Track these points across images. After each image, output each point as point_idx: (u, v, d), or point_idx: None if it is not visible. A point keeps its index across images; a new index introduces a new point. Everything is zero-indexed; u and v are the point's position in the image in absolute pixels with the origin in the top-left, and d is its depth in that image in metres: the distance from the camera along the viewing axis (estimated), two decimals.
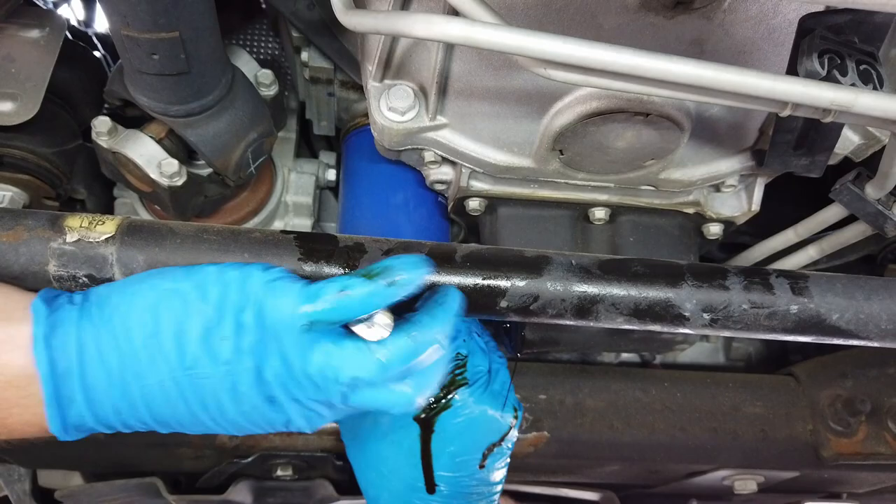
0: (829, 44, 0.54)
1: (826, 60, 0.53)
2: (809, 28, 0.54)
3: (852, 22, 0.54)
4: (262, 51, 1.15)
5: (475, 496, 0.69)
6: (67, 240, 0.59)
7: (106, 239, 0.59)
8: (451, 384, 0.67)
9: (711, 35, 0.63)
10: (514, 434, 0.68)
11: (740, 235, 1.01)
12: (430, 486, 0.67)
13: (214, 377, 0.51)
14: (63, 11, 1.40)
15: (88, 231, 0.60)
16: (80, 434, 0.54)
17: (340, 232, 0.93)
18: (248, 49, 1.14)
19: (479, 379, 0.68)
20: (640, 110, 0.66)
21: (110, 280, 0.59)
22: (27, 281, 0.59)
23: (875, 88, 0.54)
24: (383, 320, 0.53)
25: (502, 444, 0.67)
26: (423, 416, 0.65)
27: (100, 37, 1.29)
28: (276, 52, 1.14)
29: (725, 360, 1.30)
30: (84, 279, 0.59)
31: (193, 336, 0.50)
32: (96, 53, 1.25)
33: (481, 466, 0.66)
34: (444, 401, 0.66)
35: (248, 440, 0.88)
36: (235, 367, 0.51)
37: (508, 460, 0.71)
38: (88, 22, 1.46)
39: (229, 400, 0.52)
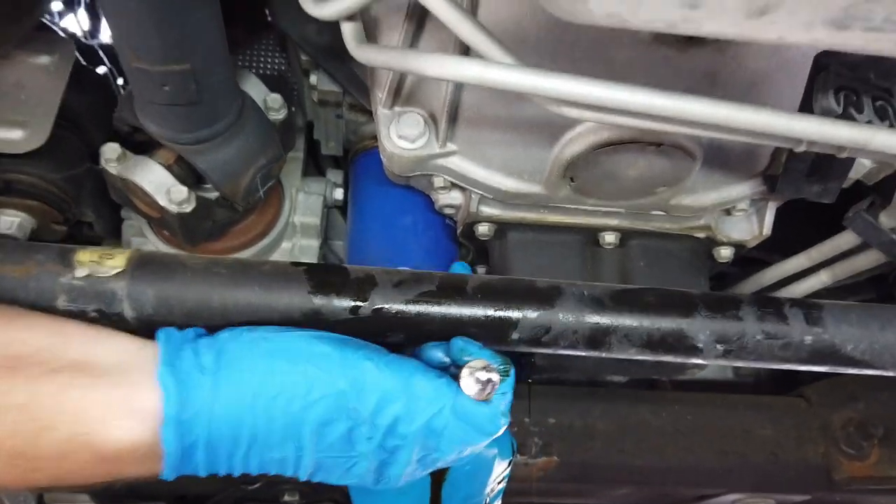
0: (844, 80, 0.53)
1: (842, 97, 0.53)
2: (825, 64, 0.54)
3: (868, 59, 0.54)
4: (268, 66, 1.15)
5: None
6: (77, 275, 0.59)
7: (116, 274, 0.59)
8: None
9: (724, 67, 0.62)
10: (509, 472, 0.69)
11: (753, 251, 1.00)
12: None
13: (337, 460, 0.53)
14: (68, 22, 1.41)
15: (98, 266, 0.60)
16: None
17: (348, 254, 0.93)
18: (254, 64, 1.13)
19: None
20: (653, 140, 0.65)
21: (119, 315, 0.59)
22: None
23: (892, 125, 0.53)
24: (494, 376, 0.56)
25: (502, 483, 0.68)
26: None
27: (104, 48, 1.30)
28: (283, 68, 1.13)
29: (734, 377, 1.30)
30: (94, 314, 0.59)
31: (337, 433, 0.51)
32: (101, 69, 1.25)
33: None
34: None
35: None
36: (371, 458, 0.53)
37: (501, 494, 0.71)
38: (94, 33, 1.47)
39: (338, 475, 0.54)
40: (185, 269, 0.60)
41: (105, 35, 1.44)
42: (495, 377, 0.55)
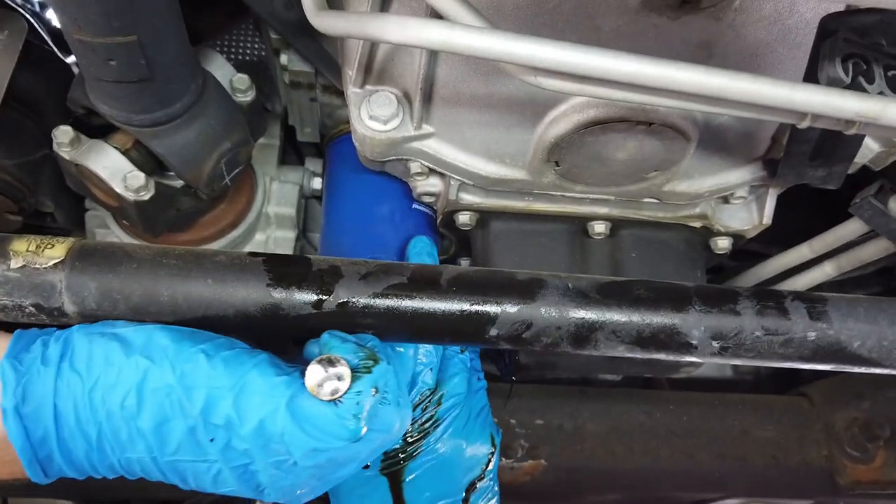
0: (853, 47, 0.48)
1: (850, 66, 0.48)
2: (831, 30, 0.49)
3: (880, 23, 0.48)
4: (247, 53, 1.09)
5: None
6: (12, 266, 0.54)
7: (54, 264, 0.54)
8: (422, 429, 0.62)
9: (721, 37, 0.57)
10: (494, 464, 0.63)
11: (751, 242, 0.95)
12: None
13: (196, 466, 0.49)
14: (50, 14, 1.36)
15: (35, 256, 0.55)
16: (59, 477, 0.52)
17: (321, 247, 0.87)
18: (233, 50, 1.08)
19: (453, 410, 0.63)
20: (643, 119, 0.60)
21: (59, 309, 0.54)
22: None
23: None
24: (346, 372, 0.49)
25: (484, 478, 0.62)
26: (390, 469, 0.61)
27: None
28: (262, 54, 1.08)
29: (733, 374, 1.25)
30: (31, 308, 0.54)
31: (178, 432, 0.48)
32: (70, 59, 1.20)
33: None
34: (409, 450, 0.61)
35: None
36: (221, 465, 0.49)
37: (498, 493, 0.66)
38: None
39: (211, 481, 0.50)
40: (130, 260, 0.55)
41: None
42: (344, 373, 0.48)
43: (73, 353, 0.49)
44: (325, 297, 0.56)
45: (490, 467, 0.65)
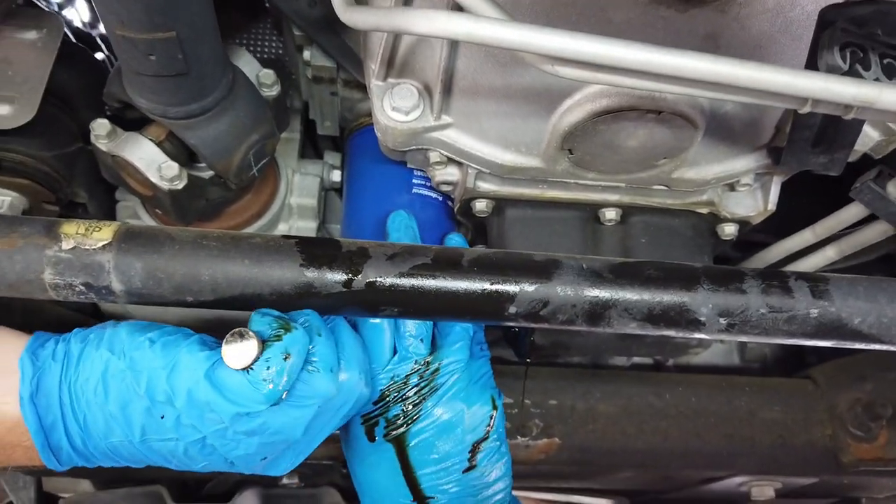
0: (851, 37, 0.51)
1: (848, 54, 0.51)
2: (830, 20, 0.52)
3: (876, 13, 0.52)
4: (265, 50, 1.14)
5: (476, 499, 0.68)
6: (63, 247, 0.58)
7: (103, 246, 0.58)
8: (418, 393, 0.66)
9: (726, 29, 0.60)
10: (498, 425, 0.67)
11: (755, 233, 0.98)
12: (421, 501, 0.66)
13: (166, 444, 0.56)
14: (68, 13, 1.40)
15: (85, 238, 0.58)
16: (73, 466, 0.58)
17: (343, 234, 0.91)
18: (251, 48, 1.12)
19: (452, 376, 0.67)
20: (652, 108, 0.63)
21: (108, 288, 0.58)
22: (23, 289, 0.58)
23: None
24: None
25: (488, 438, 0.65)
26: (392, 434, 0.65)
27: (104, 38, 1.28)
28: (280, 52, 1.12)
29: (740, 361, 1.28)
30: (81, 287, 0.58)
31: (136, 412, 0.55)
32: (99, 55, 1.24)
33: (471, 467, 0.66)
34: (412, 413, 0.66)
35: None
36: (182, 441, 0.55)
37: (507, 455, 0.69)
38: (93, 23, 1.45)
39: (187, 461, 0.57)
40: (173, 242, 0.59)
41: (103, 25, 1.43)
42: (251, 343, 0.53)
43: (71, 352, 0.57)
44: (354, 277, 0.60)
45: (493, 427, 0.68)
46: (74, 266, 0.57)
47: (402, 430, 0.65)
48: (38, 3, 0.82)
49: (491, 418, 0.67)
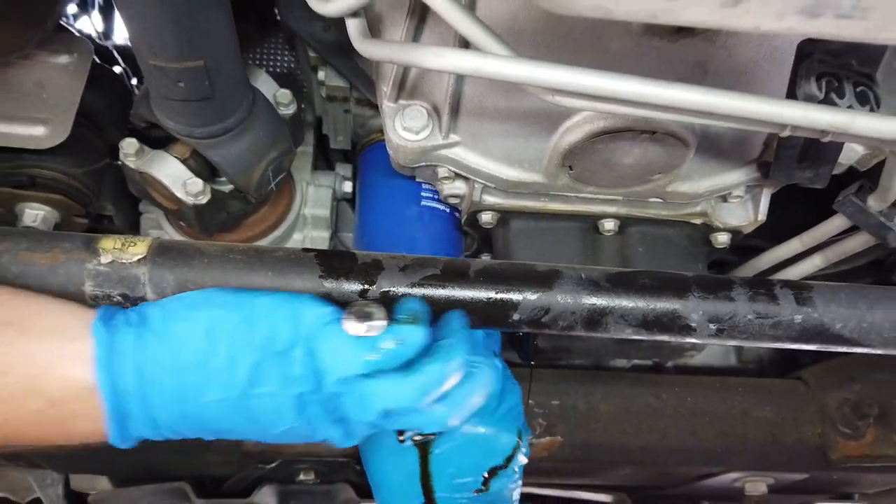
0: (826, 67, 0.56)
1: (824, 84, 0.55)
2: (808, 52, 0.57)
3: (849, 46, 0.56)
4: (278, 64, 1.18)
5: None
6: (102, 261, 0.62)
7: (138, 260, 0.63)
8: None
9: (714, 57, 0.65)
10: (521, 458, 0.70)
11: (751, 238, 1.03)
12: None
13: (261, 401, 0.55)
14: (83, 24, 1.45)
15: (121, 252, 0.63)
16: (135, 442, 0.57)
17: (357, 244, 0.96)
18: (264, 62, 1.17)
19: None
20: (646, 129, 0.68)
21: (143, 299, 0.63)
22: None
23: (872, 110, 0.56)
24: (380, 322, 0.56)
25: (508, 467, 0.69)
26: (420, 439, 0.68)
27: (119, 49, 1.33)
28: (292, 65, 1.17)
29: (737, 363, 1.32)
30: (118, 298, 0.63)
31: (244, 366, 0.54)
32: (116, 68, 1.29)
33: (483, 489, 0.68)
34: None
35: (272, 447, 0.92)
36: (282, 395, 0.55)
37: (520, 484, 0.72)
38: (108, 33, 1.50)
39: (274, 420, 0.56)
40: (202, 256, 0.64)
41: (119, 36, 1.47)
42: (377, 315, 0.55)
43: (149, 317, 0.56)
44: (369, 287, 0.65)
45: (513, 459, 0.70)
46: (112, 279, 0.62)
47: (429, 437, 0.69)
48: (66, 25, 0.86)
49: (513, 450, 0.70)
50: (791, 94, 0.58)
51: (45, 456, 0.96)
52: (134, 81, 1.24)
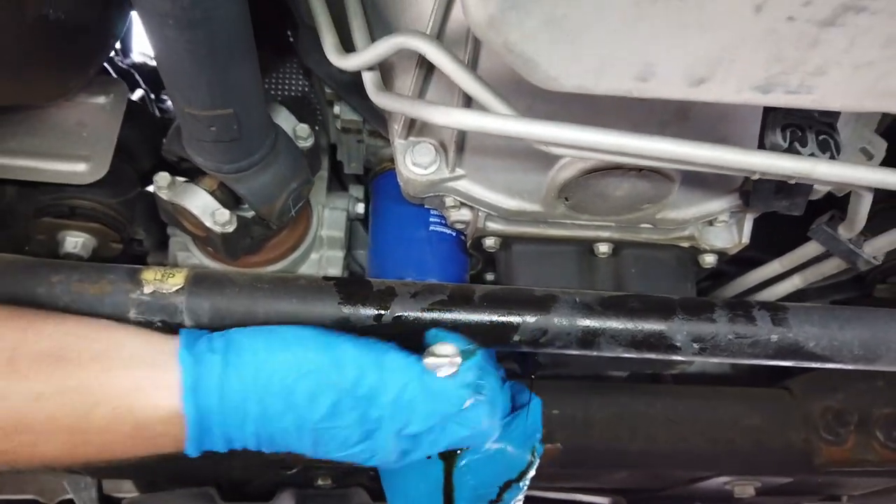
0: (790, 118, 0.62)
1: (788, 133, 0.62)
2: (773, 105, 0.63)
3: None
4: (292, 88, 1.25)
5: None
6: (144, 291, 0.70)
7: (177, 290, 0.70)
8: None
9: (694, 105, 0.71)
10: (531, 473, 0.76)
11: (748, 250, 1.09)
12: None
13: (332, 431, 0.62)
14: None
15: (161, 283, 0.71)
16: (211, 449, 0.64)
17: (370, 266, 1.03)
18: (279, 87, 1.24)
19: (505, 420, 0.76)
20: (634, 166, 0.75)
21: (181, 325, 0.70)
22: None
23: (832, 157, 0.63)
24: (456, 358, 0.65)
25: (520, 481, 0.75)
26: (446, 453, 0.75)
27: (137, 67, 1.40)
28: (307, 89, 1.24)
29: (731, 371, 1.38)
30: (158, 323, 0.70)
31: (325, 404, 0.61)
32: (139, 92, 1.36)
33: (497, 501, 0.75)
34: None
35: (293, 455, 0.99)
36: (353, 429, 0.62)
37: (524, 496, 0.79)
38: (126, 50, 1.57)
39: (335, 447, 0.64)
40: (233, 285, 0.71)
41: (137, 56, 1.55)
42: (456, 356, 0.64)
43: (234, 345, 0.62)
44: (383, 312, 0.72)
45: (527, 473, 0.77)
46: (154, 307, 0.70)
47: (456, 451, 0.74)
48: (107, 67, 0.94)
49: (528, 465, 0.76)
50: (761, 143, 0.65)
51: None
52: (153, 96, 1.31)
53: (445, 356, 0.64)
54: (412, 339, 0.71)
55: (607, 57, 0.45)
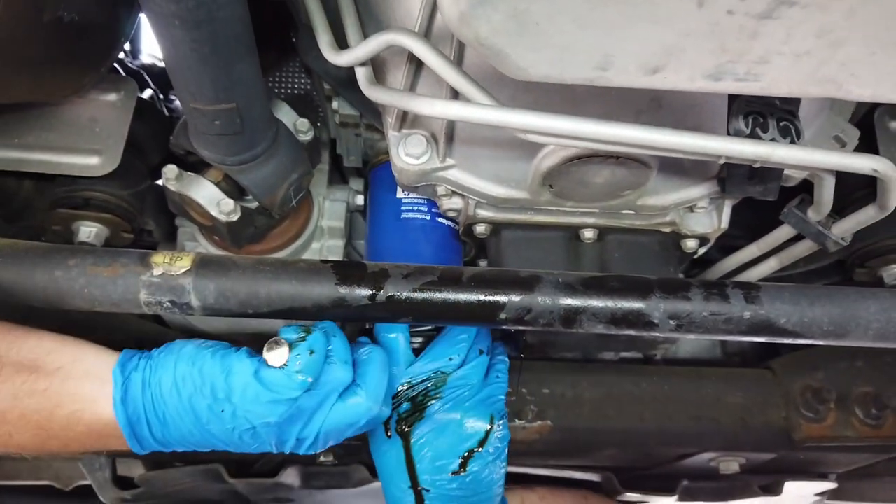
0: (753, 106, 0.67)
1: (750, 120, 0.67)
2: (737, 93, 0.68)
3: None
4: (295, 86, 1.30)
5: (466, 499, 0.81)
6: (154, 273, 0.75)
7: (184, 272, 0.75)
8: (425, 397, 0.81)
9: (667, 92, 0.75)
10: (495, 440, 0.80)
11: (736, 240, 1.13)
12: (417, 490, 0.81)
13: (224, 432, 0.71)
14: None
15: (170, 266, 0.76)
16: (151, 451, 0.74)
17: (368, 253, 1.08)
18: (283, 85, 1.29)
19: (458, 391, 0.81)
20: (611, 154, 0.79)
21: (188, 304, 0.75)
22: (123, 306, 0.75)
23: (792, 141, 0.67)
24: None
25: (482, 449, 0.80)
26: (402, 428, 0.80)
27: (146, 68, 1.46)
28: (308, 87, 1.29)
29: (722, 355, 1.43)
30: (168, 304, 0.75)
31: (203, 407, 0.70)
32: (148, 91, 1.42)
33: (461, 471, 0.79)
34: (416, 413, 0.80)
35: None
36: (237, 426, 0.70)
37: (502, 465, 0.83)
38: (135, 52, 1.63)
39: (240, 442, 0.72)
40: (237, 268, 0.76)
41: (146, 57, 1.60)
42: (282, 346, 0.70)
43: (151, 364, 0.71)
44: (377, 292, 0.77)
45: (488, 441, 0.80)
46: (163, 288, 0.75)
47: (408, 427, 0.80)
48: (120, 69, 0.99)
49: (486, 433, 0.80)
50: (728, 129, 0.70)
51: None
52: (162, 96, 1.37)
53: (273, 347, 0.71)
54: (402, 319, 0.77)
55: (568, 48, 0.50)
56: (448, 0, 0.48)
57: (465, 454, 0.80)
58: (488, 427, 0.80)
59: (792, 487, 1.21)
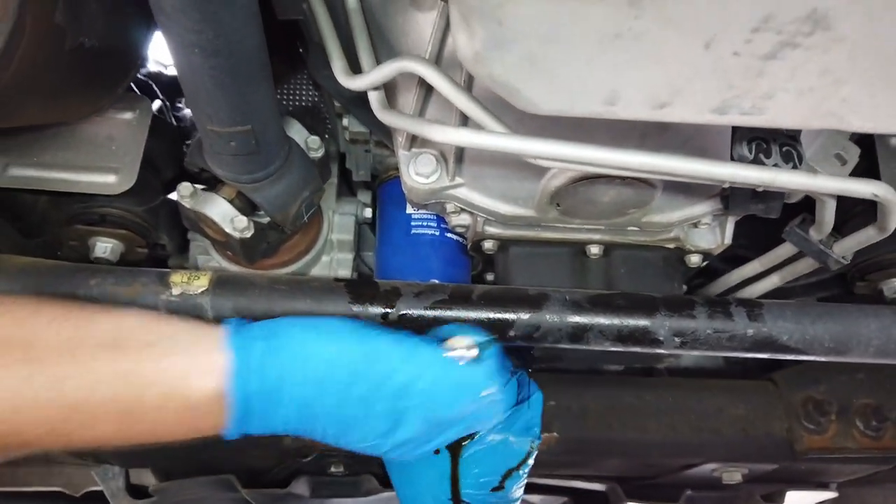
0: (756, 132, 0.69)
1: (754, 146, 0.69)
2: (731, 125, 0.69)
3: None
4: (303, 98, 1.32)
5: None
6: (173, 293, 0.77)
7: (202, 291, 0.77)
8: None
9: None
10: (530, 461, 0.82)
11: (742, 250, 1.15)
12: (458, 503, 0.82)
13: (359, 419, 0.67)
14: None
15: (188, 285, 0.78)
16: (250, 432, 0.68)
17: (378, 267, 1.10)
18: (292, 96, 1.31)
19: (508, 412, 0.82)
20: (618, 175, 0.81)
21: None
22: None
23: (795, 167, 0.69)
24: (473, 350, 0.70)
25: (520, 469, 0.81)
26: (454, 443, 0.81)
27: (153, 77, 1.48)
28: (316, 99, 1.31)
29: (724, 365, 1.45)
30: None
31: (357, 392, 0.65)
32: (157, 103, 1.44)
33: (499, 488, 0.81)
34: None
35: (308, 442, 1.06)
36: (381, 419, 0.67)
37: (525, 482, 0.85)
38: (142, 62, 1.64)
39: (358, 437, 0.68)
40: (253, 286, 0.78)
41: (152, 64, 1.62)
42: (473, 347, 0.69)
43: (275, 333, 0.66)
44: (389, 311, 0.79)
45: (527, 461, 0.82)
46: (182, 307, 0.77)
47: (460, 444, 0.78)
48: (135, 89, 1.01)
49: (527, 455, 0.81)
50: (731, 155, 0.71)
51: (112, 452, 1.11)
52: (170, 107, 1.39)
53: (464, 347, 0.69)
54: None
55: (578, 86, 0.52)
56: (463, 41, 0.49)
57: (506, 472, 0.82)
58: (530, 449, 0.82)
59: (794, 497, 1.23)
